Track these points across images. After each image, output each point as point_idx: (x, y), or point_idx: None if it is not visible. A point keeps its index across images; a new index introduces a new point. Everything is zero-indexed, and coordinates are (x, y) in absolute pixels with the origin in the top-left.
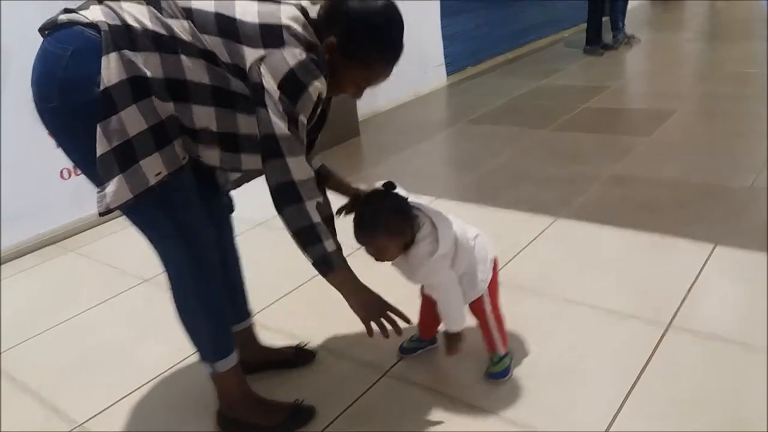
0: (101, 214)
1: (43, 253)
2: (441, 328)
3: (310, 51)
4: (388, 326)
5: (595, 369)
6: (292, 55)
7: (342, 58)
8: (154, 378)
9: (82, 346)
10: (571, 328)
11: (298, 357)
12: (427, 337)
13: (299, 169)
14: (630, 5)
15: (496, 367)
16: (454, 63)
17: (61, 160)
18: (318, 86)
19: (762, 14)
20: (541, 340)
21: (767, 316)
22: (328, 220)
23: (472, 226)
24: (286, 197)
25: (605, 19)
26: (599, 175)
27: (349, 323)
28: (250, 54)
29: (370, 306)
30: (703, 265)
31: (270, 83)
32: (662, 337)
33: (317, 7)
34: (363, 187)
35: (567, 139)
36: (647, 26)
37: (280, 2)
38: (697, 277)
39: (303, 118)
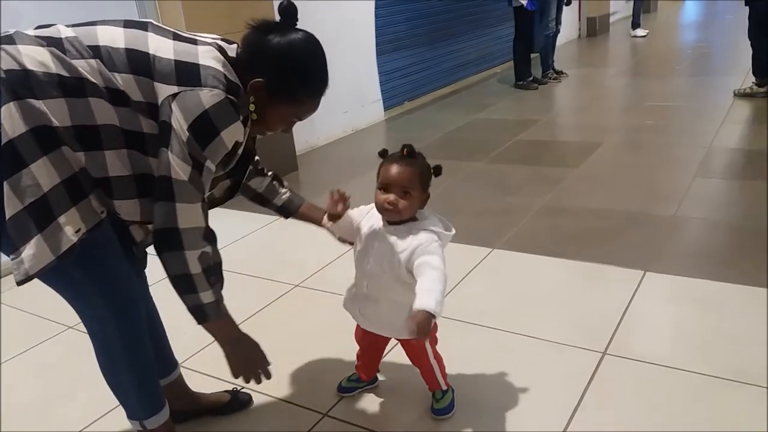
0: (20, 283)
1: None
2: (393, 336)
3: (230, 93)
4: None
5: (536, 398)
6: (209, 96)
7: (270, 96)
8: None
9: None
10: (510, 359)
11: (233, 402)
12: (368, 378)
13: (187, 216)
14: (558, 41)
15: (440, 402)
16: (390, 98)
17: None
18: (233, 131)
19: (679, 50)
20: (481, 372)
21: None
22: (215, 268)
23: None
24: (167, 242)
25: (534, 55)
26: (531, 206)
27: (286, 364)
28: (163, 90)
29: (241, 359)
30: (634, 292)
31: (179, 123)
32: (599, 364)
33: (234, 47)
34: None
35: (500, 171)
36: (574, 62)
37: (197, 41)
38: (629, 304)
39: (210, 165)
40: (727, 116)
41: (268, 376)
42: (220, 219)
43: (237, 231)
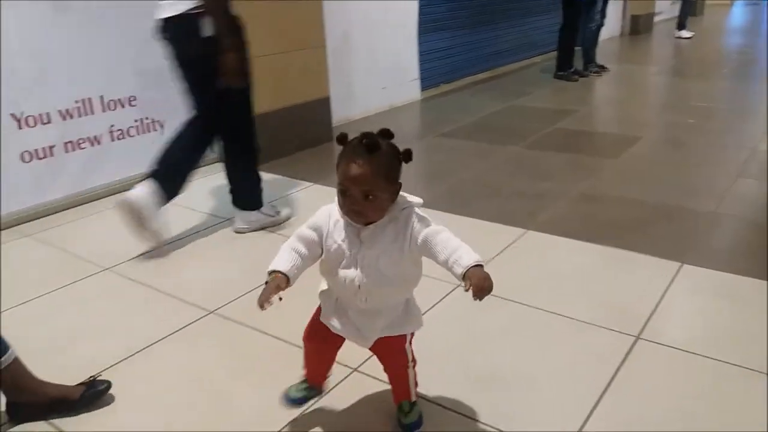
0: None
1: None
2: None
3: None
4: None
5: (563, 376)
6: None
7: None
8: (102, 371)
9: (28, 336)
10: (539, 335)
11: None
12: (318, 382)
13: None
14: (600, 37)
15: (410, 416)
16: (428, 79)
17: (22, 142)
18: None
19: (724, 54)
20: (509, 347)
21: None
22: None
23: None
24: None
25: (577, 48)
26: (567, 192)
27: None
28: None
29: None
30: (671, 282)
31: None
32: (631, 348)
33: None
34: None
35: (536, 157)
36: (616, 58)
37: None
38: (664, 292)
39: None
40: None
41: None
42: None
43: (273, 194)
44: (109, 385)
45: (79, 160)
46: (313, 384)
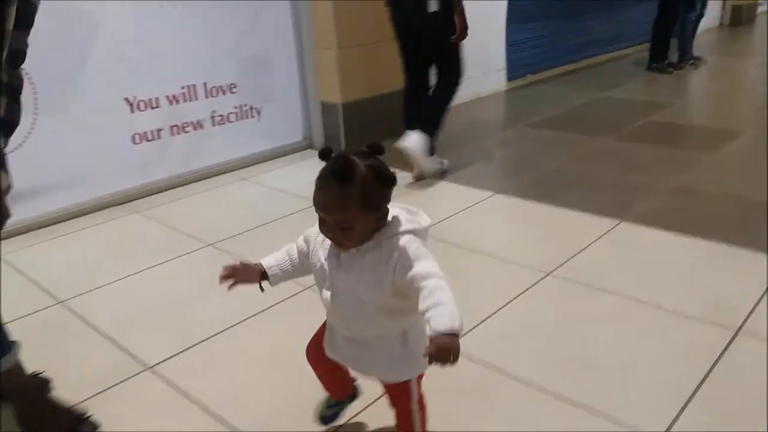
0: None
1: (109, 213)
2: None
3: None
4: None
5: (659, 367)
6: None
7: None
8: (214, 335)
9: (147, 299)
10: (635, 325)
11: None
12: (344, 396)
13: None
14: (699, 27)
15: None
16: (514, 69)
17: (134, 125)
18: None
19: None
20: (604, 335)
21: None
22: None
23: None
24: None
25: (672, 39)
26: (662, 185)
27: None
28: None
29: None
30: None
31: None
32: (731, 341)
33: None
34: None
35: (629, 150)
36: (714, 49)
37: None
38: (767, 289)
39: None
40: None
41: None
42: None
43: None
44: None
45: (183, 144)
46: (339, 398)
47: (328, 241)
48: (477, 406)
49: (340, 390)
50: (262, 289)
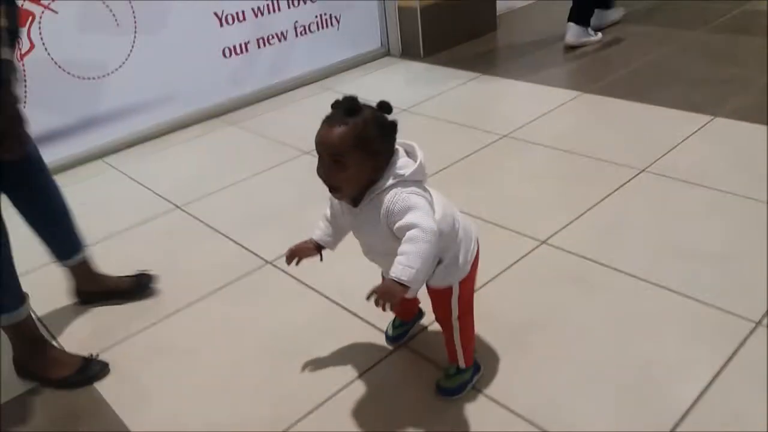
0: None
1: (206, 126)
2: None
3: None
4: None
5: (755, 257)
6: None
7: None
8: None
9: (257, 204)
10: (731, 218)
11: (136, 285)
12: (409, 317)
13: None
14: None
15: (448, 381)
16: None
17: (223, 39)
18: None
19: None
20: (699, 228)
21: None
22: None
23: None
24: None
25: None
26: (759, 77)
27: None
28: None
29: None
30: None
31: None
32: None
33: None
34: None
35: (722, 41)
36: None
37: None
38: None
39: None
40: None
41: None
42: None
43: (440, 86)
44: (150, 278)
45: (270, 55)
46: (404, 319)
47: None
48: (577, 295)
49: (405, 311)
50: (321, 258)
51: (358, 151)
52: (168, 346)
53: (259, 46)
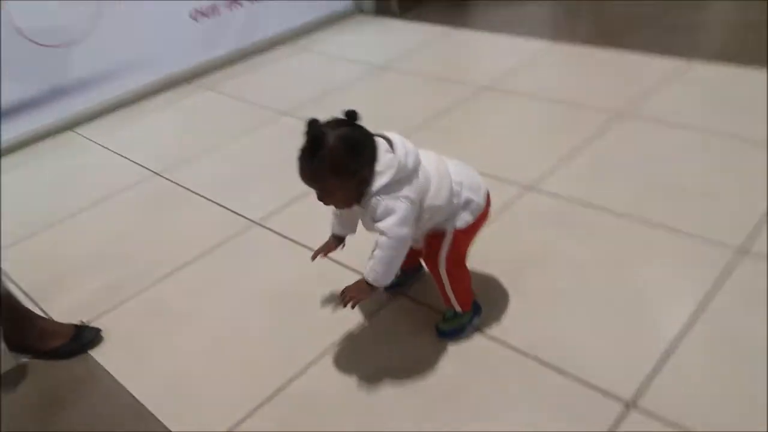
0: None
1: (181, 91)
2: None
3: None
4: None
5: (733, 191)
6: None
7: None
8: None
9: (237, 167)
10: (710, 155)
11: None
12: (409, 267)
13: None
14: None
15: (446, 323)
16: None
17: (191, 2)
18: None
19: None
20: (679, 166)
21: None
22: None
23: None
24: None
25: None
26: (729, 20)
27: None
28: None
29: None
30: None
31: None
32: None
33: None
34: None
35: None
36: None
37: None
38: None
39: None
40: None
41: None
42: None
43: (415, 41)
44: (97, 332)
45: (240, 17)
46: (404, 268)
47: None
48: (568, 235)
49: (406, 261)
50: (343, 247)
51: (334, 177)
52: (162, 309)
53: (230, 9)
